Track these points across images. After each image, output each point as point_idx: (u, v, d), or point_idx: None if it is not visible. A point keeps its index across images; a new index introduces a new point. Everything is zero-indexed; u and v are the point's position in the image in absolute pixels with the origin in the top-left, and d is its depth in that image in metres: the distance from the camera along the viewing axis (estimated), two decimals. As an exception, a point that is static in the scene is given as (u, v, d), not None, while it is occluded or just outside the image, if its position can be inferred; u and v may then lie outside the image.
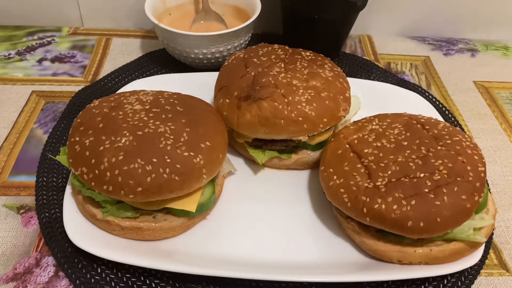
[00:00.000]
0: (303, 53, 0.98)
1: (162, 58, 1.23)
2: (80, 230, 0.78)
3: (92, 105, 0.84)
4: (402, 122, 0.86)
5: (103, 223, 0.79)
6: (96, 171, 0.74)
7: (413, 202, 0.72)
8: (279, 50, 0.98)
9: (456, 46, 1.38)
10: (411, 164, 0.76)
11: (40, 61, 1.22)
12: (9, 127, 1.02)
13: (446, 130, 0.82)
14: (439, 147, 0.78)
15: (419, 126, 0.84)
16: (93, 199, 0.78)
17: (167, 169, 0.74)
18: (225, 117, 0.90)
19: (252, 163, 0.95)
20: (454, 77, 1.26)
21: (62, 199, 0.84)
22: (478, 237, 0.74)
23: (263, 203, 0.88)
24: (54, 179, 0.92)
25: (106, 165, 0.73)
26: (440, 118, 1.02)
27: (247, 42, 1.19)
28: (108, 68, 1.21)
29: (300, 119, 0.85)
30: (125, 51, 1.27)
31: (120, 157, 0.73)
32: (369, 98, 1.07)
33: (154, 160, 0.74)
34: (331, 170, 0.81)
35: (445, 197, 0.71)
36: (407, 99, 1.08)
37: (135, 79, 1.17)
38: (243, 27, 1.10)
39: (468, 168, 0.75)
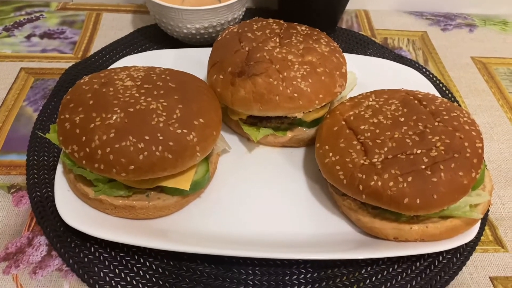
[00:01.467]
0: (298, 27, 0.95)
1: (154, 34, 1.20)
2: (72, 209, 0.77)
3: (82, 81, 0.82)
4: (399, 98, 0.84)
5: (96, 202, 0.77)
6: (87, 149, 0.72)
7: (409, 179, 0.71)
8: (274, 24, 0.96)
9: (454, 21, 1.36)
10: (408, 140, 0.75)
11: (28, 37, 1.18)
12: (-2, 105, 1.00)
13: (443, 105, 0.81)
14: (436, 123, 0.77)
15: (416, 102, 0.82)
16: (85, 178, 0.77)
17: (160, 147, 0.72)
18: (219, 93, 0.88)
19: (246, 140, 0.94)
20: (452, 53, 1.24)
21: (54, 178, 0.82)
22: (474, 213, 0.74)
23: (258, 181, 0.87)
24: (45, 157, 0.90)
25: (97, 142, 0.72)
26: (437, 94, 1.01)
27: (241, 17, 1.16)
28: (98, 44, 1.18)
29: (296, 95, 0.84)
30: (116, 27, 1.24)
31: (111, 135, 0.72)
32: (365, 74, 1.05)
33: (146, 137, 0.72)
34: (327, 147, 0.80)
35: (442, 174, 0.70)
36: (404, 75, 1.07)
37: (126, 56, 1.14)
38: (236, 1, 1.07)
39: (466, 144, 0.73)
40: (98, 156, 0.71)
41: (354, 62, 1.06)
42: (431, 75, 1.15)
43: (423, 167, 0.71)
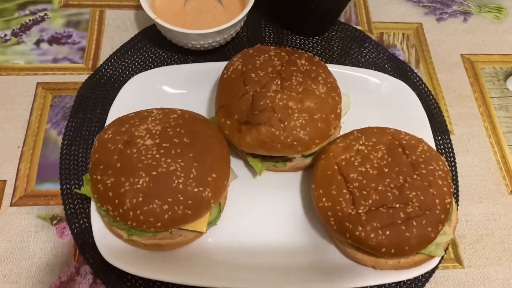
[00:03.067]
0: (298, 61, 1.02)
1: (159, 37, 1.23)
2: (109, 244, 0.93)
3: (106, 136, 0.92)
4: (385, 143, 0.96)
5: (129, 241, 0.93)
6: (120, 210, 0.86)
7: (387, 233, 0.86)
8: (275, 59, 1.02)
9: (450, 8, 1.39)
10: (389, 194, 0.89)
11: (37, 43, 1.23)
12: (24, 128, 1.10)
13: (423, 156, 0.93)
14: (415, 176, 0.90)
15: (400, 150, 0.94)
16: (118, 222, 0.92)
17: (181, 206, 0.86)
18: (227, 135, 0.99)
19: (251, 166, 1.07)
20: (443, 49, 1.30)
21: (88, 207, 0.97)
22: (438, 251, 0.91)
23: (263, 205, 1.02)
24: (76, 186, 1.03)
25: (129, 205, 0.85)
26: (422, 112, 1.11)
27: (242, 24, 1.20)
28: (106, 50, 1.23)
29: (295, 143, 0.95)
30: (120, 27, 1.27)
31: (140, 199, 0.85)
32: (358, 89, 1.14)
33: (169, 199, 0.86)
34: (321, 191, 0.94)
35: (414, 230, 0.86)
36: (394, 89, 1.15)
37: (133, 63, 1.21)
38: (239, 20, 1.11)
39: (437, 201, 0.88)
40: (130, 216, 0.86)
41: (347, 76, 1.14)
42: (420, 81, 1.23)
43: (400, 221, 0.87)
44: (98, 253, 0.94)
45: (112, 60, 1.21)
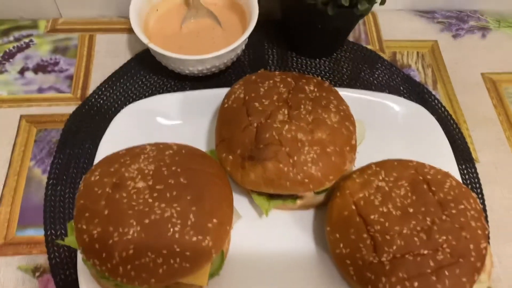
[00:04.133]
0: (306, 88, 0.92)
1: (153, 61, 1.13)
2: (98, 300, 0.83)
3: (92, 179, 0.81)
4: (408, 179, 0.85)
5: (119, 297, 0.82)
6: (109, 265, 0.75)
7: (415, 284, 0.75)
8: (281, 85, 0.92)
9: (466, 23, 1.29)
10: (415, 238, 0.78)
11: (21, 71, 1.13)
12: (6, 167, 1.00)
13: (452, 193, 0.82)
14: (444, 217, 0.79)
15: (425, 186, 0.83)
16: (107, 275, 0.81)
17: (177, 259, 0.75)
18: (229, 172, 0.89)
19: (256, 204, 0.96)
20: (462, 68, 1.20)
21: (75, 256, 0.86)
22: (472, 301, 0.80)
23: (270, 247, 0.91)
24: (63, 231, 0.93)
25: (118, 259, 0.74)
26: (444, 139, 1.01)
27: (243, 48, 1.10)
28: (96, 77, 1.13)
29: (306, 180, 0.84)
30: (112, 53, 1.18)
31: (130, 251, 0.74)
32: (372, 114, 1.04)
33: (164, 251, 0.75)
34: (338, 235, 0.83)
35: (447, 281, 0.75)
36: (412, 114, 1.05)
37: (126, 92, 1.12)
38: (240, 43, 1.02)
39: (471, 246, 0.77)
40: (120, 272, 0.75)
41: (361, 101, 1.04)
42: (439, 104, 1.12)
43: (429, 271, 0.76)
44: (85, 309, 0.84)
45: (103, 89, 1.11)
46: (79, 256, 0.85)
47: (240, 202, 0.95)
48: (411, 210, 0.81)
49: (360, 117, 1.00)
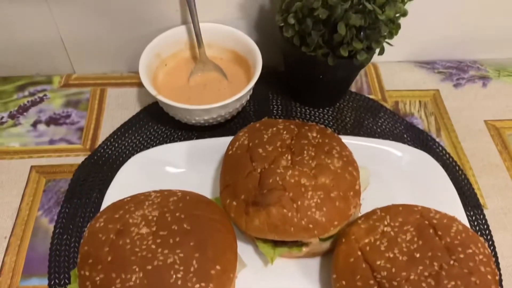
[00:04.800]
0: (309, 134, 0.94)
1: (160, 114, 1.17)
2: None
3: (97, 225, 0.82)
4: (414, 224, 0.84)
5: None
6: (110, 314, 0.74)
7: (426, 334, 0.72)
8: (284, 132, 0.94)
9: (467, 73, 1.32)
10: (423, 284, 0.76)
11: (34, 124, 1.17)
12: (13, 217, 1.01)
13: (459, 238, 0.81)
14: (451, 262, 0.77)
15: (431, 231, 0.82)
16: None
17: (180, 307, 0.74)
18: (233, 218, 0.89)
19: (261, 252, 0.95)
20: (465, 117, 1.22)
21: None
22: None
23: (275, 299, 0.89)
24: (67, 280, 0.92)
25: (119, 307, 0.73)
26: (450, 185, 1.00)
27: (248, 98, 1.13)
28: (106, 129, 1.16)
29: (311, 226, 0.84)
30: (121, 105, 1.22)
31: (133, 299, 0.73)
32: (376, 161, 1.05)
33: (167, 299, 0.74)
34: (344, 282, 0.81)
35: (458, 330, 0.72)
36: (417, 161, 1.05)
37: (134, 142, 1.14)
38: (245, 93, 1.05)
39: (481, 292, 0.74)
40: (122, 321, 0.73)
41: (364, 148, 1.05)
42: (443, 151, 1.13)
43: (439, 319, 0.73)
44: None
45: (112, 140, 1.14)
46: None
47: (245, 251, 0.94)
48: (417, 255, 0.79)
49: (364, 164, 1.00)
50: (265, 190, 0.85)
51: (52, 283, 0.92)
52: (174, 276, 0.75)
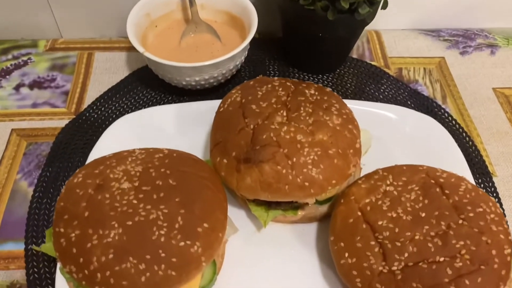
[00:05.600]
0: (307, 91, 0.87)
1: (150, 77, 1.11)
2: (76, 318, 0.74)
3: (75, 181, 0.75)
4: (419, 183, 0.77)
5: (99, 313, 0.74)
6: (86, 271, 0.67)
7: (432, 296, 0.66)
8: (280, 89, 0.88)
9: (474, 41, 1.25)
10: (429, 244, 0.69)
11: (17, 88, 1.11)
12: (-10, 179, 0.95)
13: (468, 196, 0.74)
14: (460, 221, 0.71)
15: (438, 189, 0.76)
16: (87, 288, 0.73)
17: (162, 265, 0.67)
18: (223, 177, 0.82)
19: (254, 216, 0.88)
20: (472, 84, 1.15)
21: (55, 272, 0.78)
22: (500, 321, 0.69)
23: (269, 265, 0.82)
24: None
25: (96, 265, 0.67)
26: (457, 150, 0.94)
27: (243, 60, 1.07)
28: (92, 93, 1.10)
29: (307, 184, 0.77)
30: (109, 69, 1.15)
31: (110, 256, 0.67)
32: (380, 126, 0.98)
33: (148, 256, 0.67)
34: (342, 244, 0.75)
35: (468, 291, 0.65)
36: (421, 125, 0.99)
37: (122, 107, 1.08)
38: (239, 51, 0.98)
39: (493, 252, 0.68)
40: (98, 279, 0.67)
41: (366, 111, 0.99)
42: (449, 118, 1.06)
43: (447, 280, 0.66)
44: (62, 330, 0.75)
45: (98, 104, 1.08)
46: (58, 274, 0.77)
47: (236, 216, 0.87)
48: (423, 215, 0.73)
49: (366, 128, 0.94)
50: (258, 146, 0.79)
51: (29, 248, 0.85)
52: (156, 233, 0.68)
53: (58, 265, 0.76)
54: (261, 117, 0.82)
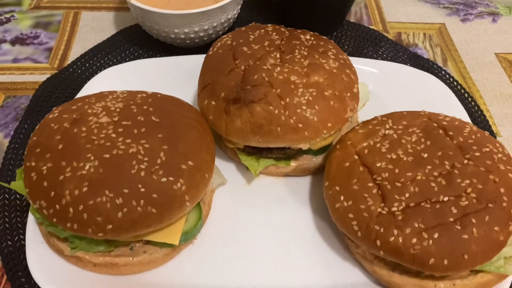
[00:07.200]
0: (302, 36, 0.83)
1: (139, 36, 1.07)
2: (47, 266, 0.68)
3: (50, 116, 0.70)
4: (420, 126, 0.72)
5: (73, 259, 0.68)
6: (57, 206, 0.61)
7: (435, 235, 0.60)
8: (274, 33, 0.83)
9: (475, 9, 1.21)
10: (432, 184, 0.64)
11: (-2, 43, 1.06)
12: (-36, 131, 0.89)
13: (473, 137, 0.69)
14: (465, 161, 0.66)
15: (441, 131, 0.71)
16: (59, 232, 0.67)
17: (142, 201, 0.62)
18: (211, 122, 0.76)
19: (245, 169, 0.82)
20: (474, 49, 1.11)
21: (26, 223, 0.72)
22: (509, 268, 0.64)
23: (259, 219, 0.76)
24: (18, 195, 0.80)
25: (68, 198, 0.61)
26: (459, 105, 0.89)
27: (235, 16, 1.02)
28: (77, 50, 1.05)
29: (300, 125, 0.72)
30: (96, 28, 1.10)
31: (84, 189, 0.61)
32: (378, 82, 0.94)
33: (125, 190, 0.61)
34: (337, 188, 0.69)
35: (474, 229, 0.60)
36: (421, 82, 0.94)
37: (107, 63, 1.03)
38: (230, 1, 0.94)
39: (502, 190, 0.62)
40: (70, 215, 0.61)
41: (365, 68, 0.94)
42: (451, 79, 1.02)
43: (452, 220, 0.61)
44: (31, 280, 0.69)
45: (83, 60, 1.02)
46: (30, 220, 0.71)
47: (225, 169, 0.82)
48: (425, 156, 0.68)
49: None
50: (249, 86, 0.74)
51: (1, 197, 0.79)
52: (136, 167, 0.63)
53: (30, 207, 0.70)
54: (253, 58, 0.77)
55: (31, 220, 0.71)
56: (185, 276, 0.70)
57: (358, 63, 0.95)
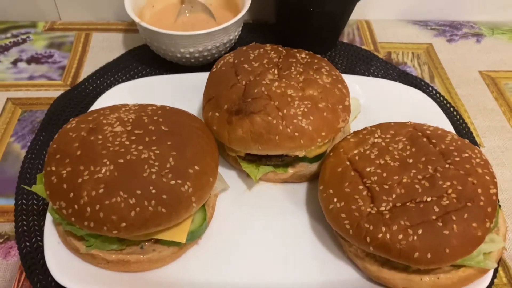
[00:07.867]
0: (298, 55, 0.90)
1: (146, 55, 1.14)
2: (64, 264, 0.73)
3: (68, 126, 0.77)
4: (406, 135, 0.79)
5: (87, 257, 0.73)
6: (76, 206, 0.67)
7: (420, 232, 0.66)
8: (272, 52, 0.90)
9: (460, 30, 1.30)
10: (417, 186, 0.70)
11: (15, 62, 1.13)
12: (-16, 142, 0.95)
13: (454, 144, 0.76)
14: (447, 165, 0.72)
15: (425, 139, 0.77)
16: (75, 231, 0.73)
17: (153, 201, 0.68)
18: (215, 131, 0.83)
19: (245, 176, 0.89)
20: (459, 67, 1.18)
21: (44, 225, 0.78)
22: (488, 263, 0.70)
23: (259, 222, 0.83)
24: (35, 201, 0.86)
25: (86, 199, 0.67)
26: (444, 118, 0.96)
27: (237, 37, 1.10)
28: (88, 68, 1.12)
29: (297, 134, 0.79)
30: (106, 48, 1.18)
31: (101, 190, 0.67)
32: (369, 97, 1.01)
33: (138, 192, 0.68)
34: (331, 191, 0.75)
35: (454, 225, 0.66)
36: (409, 97, 1.01)
37: (117, 80, 1.09)
38: (232, 24, 1.02)
39: (479, 191, 0.69)
40: (88, 214, 0.67)
41: (357, 85, 1.01)
42: (437, 95, 1.09)
43: (434, 217, 0.67)
44: (48, 277, 0.75)
45: (94, 77, 1.10)
46: (48, 218, 0.77)
47: (227, 176, 0.88)
48: (410, 161, 0.74)
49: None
50: (250, 99, 0.81)
51: (19, 203, 0.85)
52: (148, 170, 0.69)
53: (49, 216, 0.76)
54: (253, 74, 0.85)
55: (48, 222, 0.77)
56: (191, 273, 0.76)
57: (350, 80, 1.02)
